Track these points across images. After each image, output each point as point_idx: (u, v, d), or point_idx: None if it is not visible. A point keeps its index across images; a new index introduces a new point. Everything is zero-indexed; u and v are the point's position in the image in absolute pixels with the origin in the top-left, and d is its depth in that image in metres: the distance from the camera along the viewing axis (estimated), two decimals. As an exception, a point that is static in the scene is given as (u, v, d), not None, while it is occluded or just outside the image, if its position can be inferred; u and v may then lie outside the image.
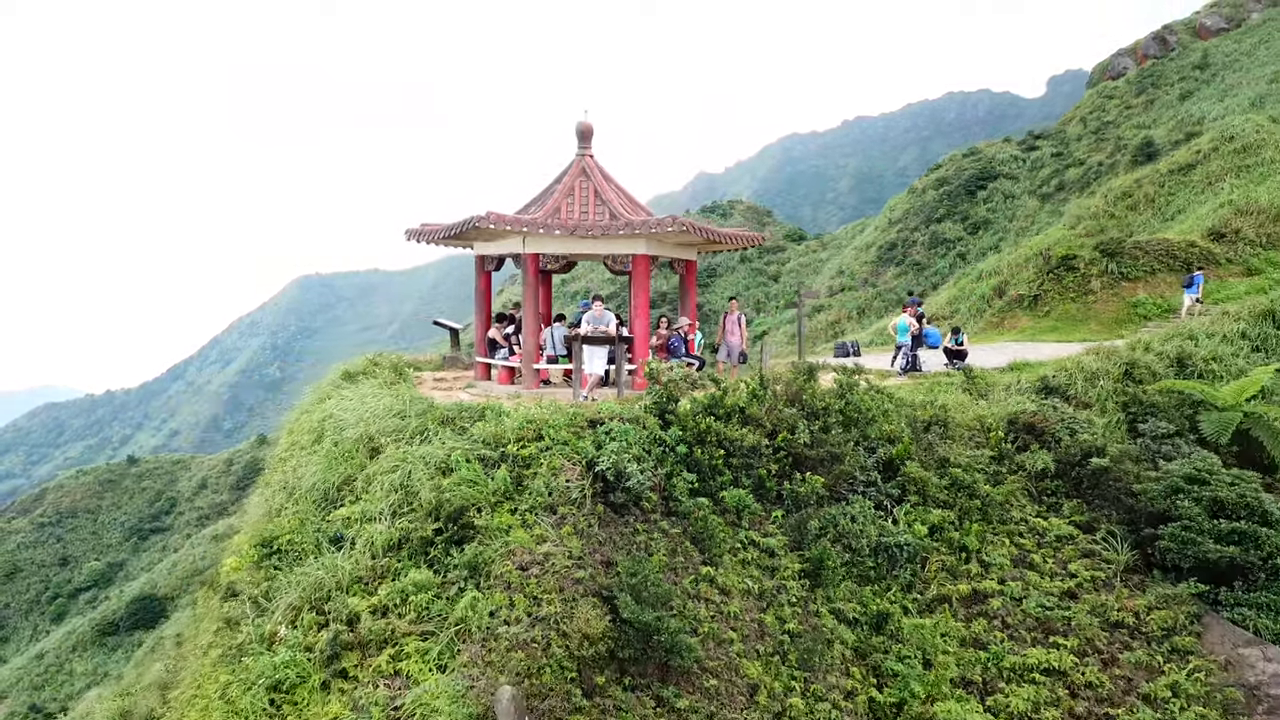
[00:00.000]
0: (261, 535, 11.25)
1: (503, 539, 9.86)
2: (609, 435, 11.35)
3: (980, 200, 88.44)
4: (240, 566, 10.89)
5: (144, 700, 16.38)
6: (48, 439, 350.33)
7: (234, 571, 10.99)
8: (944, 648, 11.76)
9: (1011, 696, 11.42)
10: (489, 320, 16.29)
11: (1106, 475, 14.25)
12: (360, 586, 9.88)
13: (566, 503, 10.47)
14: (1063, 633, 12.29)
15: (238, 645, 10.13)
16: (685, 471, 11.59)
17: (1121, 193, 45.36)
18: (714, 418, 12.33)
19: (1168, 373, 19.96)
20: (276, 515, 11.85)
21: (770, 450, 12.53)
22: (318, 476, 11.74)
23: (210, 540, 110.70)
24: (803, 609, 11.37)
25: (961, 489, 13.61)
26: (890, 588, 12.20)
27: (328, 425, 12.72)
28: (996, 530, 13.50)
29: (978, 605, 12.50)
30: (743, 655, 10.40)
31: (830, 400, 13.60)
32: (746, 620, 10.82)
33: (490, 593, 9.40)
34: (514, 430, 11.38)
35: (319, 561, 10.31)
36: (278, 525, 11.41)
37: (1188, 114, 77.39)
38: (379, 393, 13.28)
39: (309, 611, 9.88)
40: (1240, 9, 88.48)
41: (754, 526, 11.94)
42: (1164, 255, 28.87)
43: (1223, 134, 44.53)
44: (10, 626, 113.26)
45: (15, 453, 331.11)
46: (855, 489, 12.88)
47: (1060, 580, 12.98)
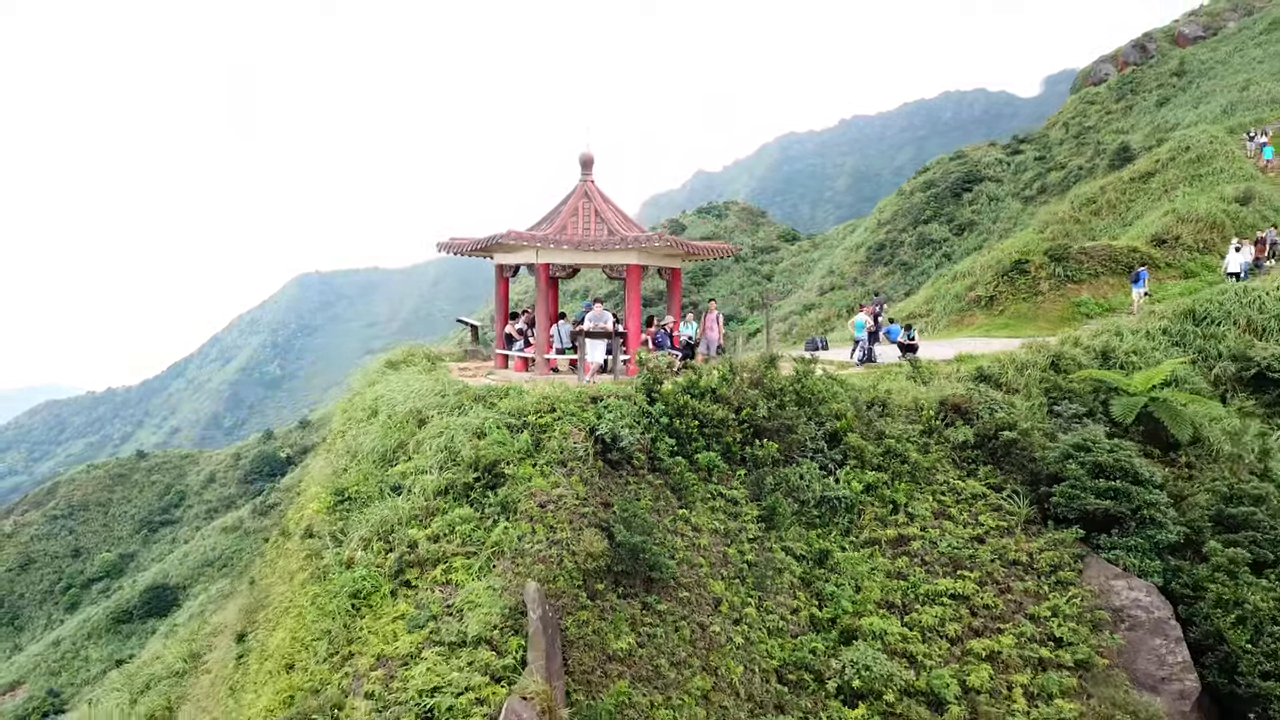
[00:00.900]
0: (334, 488, 14.36)
1: (526, 484, 12.98)
2: (607, 408, 14.47)
3: (965, 202, 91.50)
4: (320, 511, 13.99)
5: (215, 639, 19.52)
6: (49, 436, 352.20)
7: (314, 515, 14.10)
8: (872, 578, 14.89)
9: (923, 614, 14.55)
10: (506, 318, 19.42)
11: (1014, 445, 17.37)
12: (417, 521, 12.99)
13: (574, 459, 13.59)
14: (969, 568, 15.41)
15: (322, 568, 13.24)
16: (667, 437, 14.72)
17: (1087, 199, 48.49)
18: (691, 396, 15.44)
19: (1092, 364, 23.06)
20: (343, 473, 14.97)
21: (736, 422, 15.65)
22: (376, 441, 14.86)
23: (220, 532, 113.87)
24: (759, 545, 14.51)
25: (894, 456, 16.73)
26: (831, 531, 15.33)
27: (381, 403, 15.84)
28: (922, 489, 16.62)
29: (902, 547, 15.63)
30: (710, 577, 13.53)
31: (787, 383, 16.71)
32: (713, 551, 13.95)
33: (517, 523, 12.53)
34: (532, 404, 14.50)
35: (383, 504, 13.42)
36: (346, 480, 14.52)
37: (1164, 120, 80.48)
38: (420, 377, 16.40)
39: (377, 541, 12.98)
40: (1217, 18, 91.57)
41: (721, 482, 15.08)
42: (1107, 260, 32.03)
43: (1180, 144, 47.67)
44: (25, 616, 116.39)
45: (17, 450, 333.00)
46: (805, 454, 16.00)
47: (970, 528, 16.10)
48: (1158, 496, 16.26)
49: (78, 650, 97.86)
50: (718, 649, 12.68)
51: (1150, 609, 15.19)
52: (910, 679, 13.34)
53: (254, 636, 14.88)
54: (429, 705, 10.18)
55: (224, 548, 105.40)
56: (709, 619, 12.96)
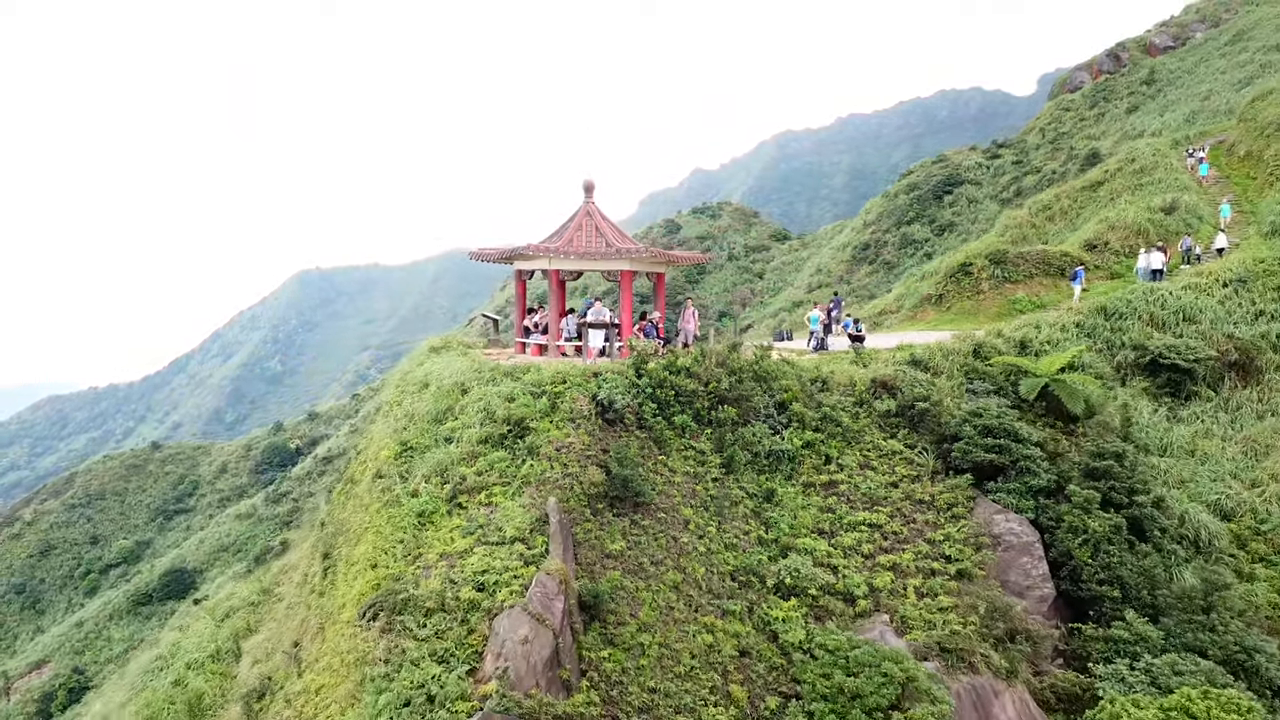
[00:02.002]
0: (399, 440, 18.99)
1: (545, 435, 17.61)
2: (605, 381, 19.10)
3: (947, 204, 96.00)
4: (389, 458, 18.61)
5: (282, 577, 24.16)
6: (51, 431, 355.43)
7: (384, 461, 18.72)
8: (806, 511, 19.52)
9: (845, 538, 19.18)
10: (525, 313, 24.03)
11: (927, 414, 22.00)
12: (464, 461, 17.59)
13: (580, 417, 18.22)
14: (883, 505, 20.05)
15: (393, 498, 17.84)
16: (650, 403, 19.34)
17: (1044, 205, 53.05)
18: (670, 373, 20.05)
19: (1011, 352, 27.71)
20: (404, 430, 19.59)
21: (704, 393, 20.27)
22: (429, 406, 19.48)
23: (234, 519, 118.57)
24: (720, 485, 19.14)
25: (830, 420, 21.36)
26: (776, 476, 19.97)
27: (430, 377, 20.47)
28: (851, 446, 21.25)
29: (831, 489, 20.26)
30: (681, 504, 18.17)
31: (746, 364, 21.34)
32: (685, 487, 18.59)
33: (539, 461, 17.15)
34: (548, 378, 19.12)
35: (438, 450, 18.04)
36: (407, 435, 19.15)
37: (1131, 127, 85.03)
38: (459, 359, 21.03)
39: (435, 477, 17.59)
40: (1186, 29, 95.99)
41: (692, 437, 19.71)
42: (1040, 263, 36.67)
43: (1127, 156, 52.27)
44: (46, 600, 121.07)
45: (19, 445, 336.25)
46: (758, 418, 20.63)
47: (887, 476, 20.73)
48: (1033, 451, 20.91)
49: (100, 631, 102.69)
50: (686, 555, 17.33)
51: (1021, 536, 19.85)
52: (831, 581, 17.96)
53: (337, 553, 19.46)
54: (480, 580, 14.79)
55: (238, 534, 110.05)
56: (680, 534, 17.60)
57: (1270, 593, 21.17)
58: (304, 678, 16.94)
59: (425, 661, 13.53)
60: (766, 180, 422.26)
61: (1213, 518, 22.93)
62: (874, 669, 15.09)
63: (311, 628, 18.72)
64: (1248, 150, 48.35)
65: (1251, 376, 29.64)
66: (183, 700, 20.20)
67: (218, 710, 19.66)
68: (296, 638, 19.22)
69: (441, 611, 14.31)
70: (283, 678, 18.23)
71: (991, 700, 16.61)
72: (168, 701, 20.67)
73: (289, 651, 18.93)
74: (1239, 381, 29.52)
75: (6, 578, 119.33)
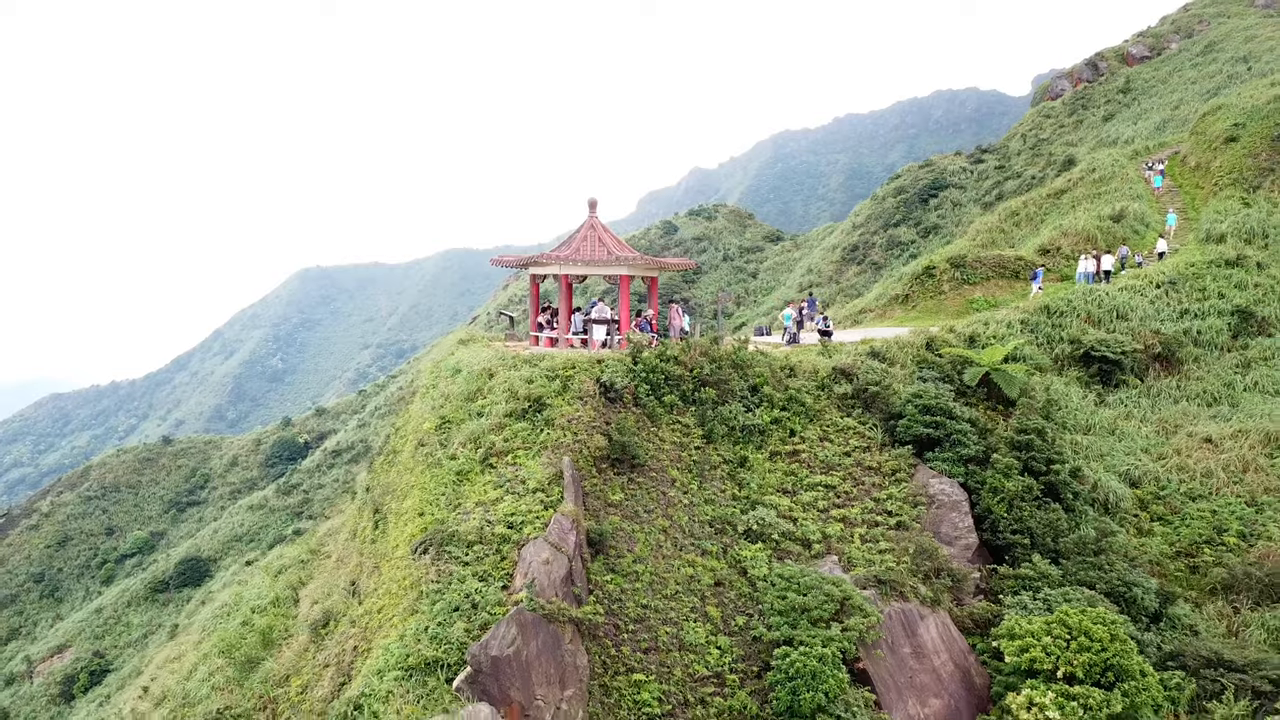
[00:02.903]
0: (438, 415, 23.10)
1: (559, 409, 21.72)
2: (607, 366, 23.20)
3: (932, 208, 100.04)
4: (431, 429, 22.71)
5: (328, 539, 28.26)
6: (54, 428, 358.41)
7: (426, 433, 22.82)
8: (772, 474, 23.63)
9: (804, 496, 23.27)
10: (538, 311, 28.15)
11: (878, 396, 26.11)
12: (494, 431, 21.69)
13: (587, 396, 22.32)
14: (837, 470, 24.15)
15: (435, 461, 21.94)
16: (645, 385, 23.45)
17: (1011, 211, 57.16)
18: (660, 360, 24.15)
19: (960, 345, 31.81)
20: (441, 407, 23.68)
21: (690, 377, 24.38)
22: (461, 388, 23.58)
23: (247, 510, 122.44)
24: (701, 452, 23.26)
25: (795, 401, 25.46)
26: (748, 446, 24.07)
27: (461, 364, 24.58)
28: (813, 422, 25.34)
29: (795, 457, 24.36)
30: (669, 467, 22.29)
31: (725, 354, 25.44)
32: (672, 453, 22.71)
33: (554, 430, 21.26)
34: (560, 364, 23.23)
35: (471, 423, 22.14)
36: (445, 411, 23.24)
37: (1107, 134, 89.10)
38: (484, 349, 25.14)
39: (470, 443, 21.68)
40: (1161, 39, 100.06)
41: (679, 413, 23.83)
42: (997, 266, 40.81)
43: (1089, 167, 56.41)
44: (65, 588, 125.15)
45: (22, 442, 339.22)
46: (734, 398, 24.74)
47: (842, 447, 24.83)
48: (964, 426, 25.02)
49: (119, 617, 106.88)
50: (672, 506, 21.45)
51: (952, 495, 23.96)
52: (791, 529, 22.06)
53: (386, 508, 23.56)
54: (509, 520, 18.89)
55: (251, 524, 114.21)
56: (668, 490, 21.73)
57: (1163, 545, 25.33)
58: (364, 605, 21.06)
59: (469, 579, 17.64)
60: (764, 180, 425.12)
61: (1121, 485, 27.08)
62: (819, 590, 19.21)
63: (367, 568, 22.81)
64: (1198, 162, 52.49)
65: (1173, 367, 33.81)
66: (254, 634, 24.23)
67: (286, 640, 23.70)
68: (353, 578, 23.31)
69: (480, 544, 18.42)
70: (343, 609, 22.34)
71: (918, 622, 20.72)
72: (240, 637, 24.70)
73: (347, 589, 23.04)
74: (1161, 371, 33.69)
75: (26, 567, 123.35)
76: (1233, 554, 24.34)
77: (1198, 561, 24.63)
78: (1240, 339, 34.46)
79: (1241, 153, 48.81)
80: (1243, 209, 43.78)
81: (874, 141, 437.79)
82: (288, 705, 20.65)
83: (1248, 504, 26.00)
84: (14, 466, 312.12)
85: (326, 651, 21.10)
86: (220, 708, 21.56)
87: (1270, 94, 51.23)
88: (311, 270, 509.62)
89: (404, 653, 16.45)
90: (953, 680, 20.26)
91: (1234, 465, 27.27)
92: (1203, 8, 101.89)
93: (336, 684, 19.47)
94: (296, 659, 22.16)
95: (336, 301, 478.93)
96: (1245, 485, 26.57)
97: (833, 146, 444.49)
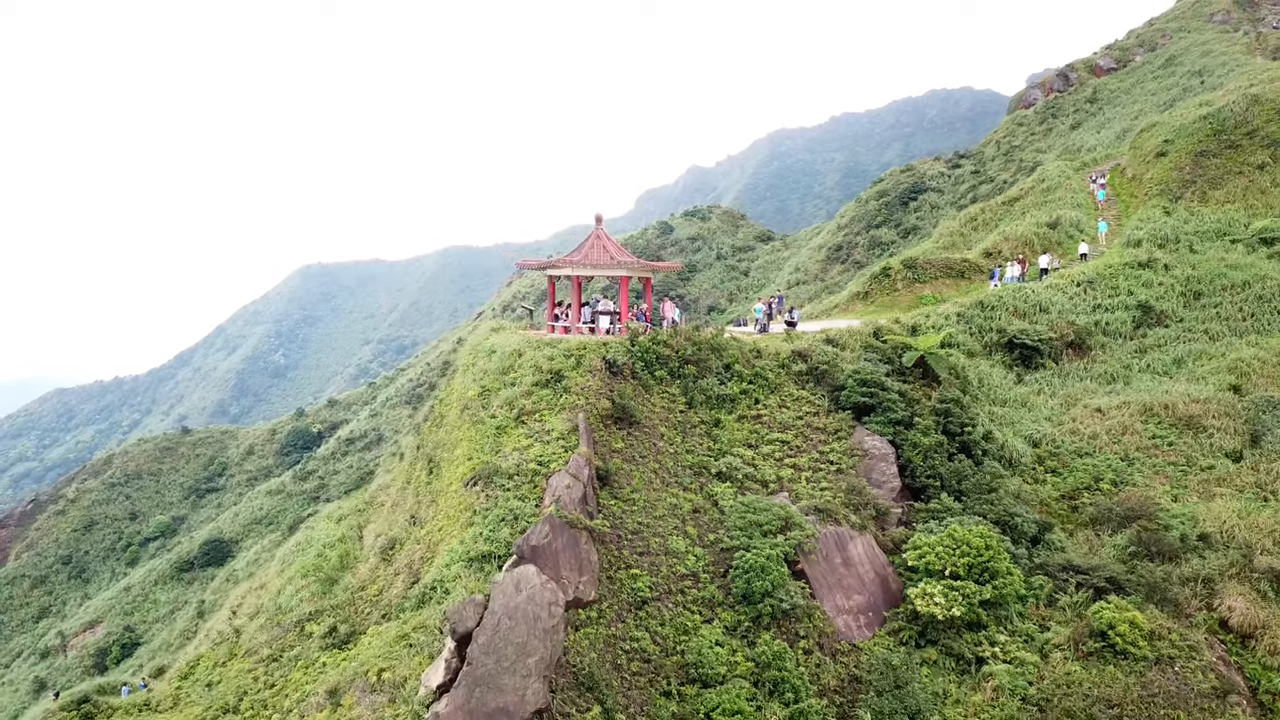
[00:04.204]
0: (479, 385, 29.63)
1: (574, 380, 28.28)
2: (610, 348, 29.75)
3: (912, 210, 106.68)
4: (474, 396, 29.22)
5: (379, 494, 34.82)
6: (59, 423, 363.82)
7: (470, 399, 29.34)
8: (740, 431, 30.15)
9: (764, 448, 29.79)
10: (554, 304, 34.67)
11: (827, 373, 32.64)
12: (525, 396, 28.23)
13: (596, 370, 28.85)
14: (791, 429, 30.68)
15: (479, 420, 28.47)
16: (640, 362, 29.99)
17: (970, 217, 63.72)
18: (653, 344, 30.67)
19: (904, 333, 38.31)
20: (480, 380, 30.20)
21: (675, 356, 30.91)
22: (496, 364, 30.11)
23: (266, 494, 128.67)
24: (684, 414, 29.82)
25: (760, 376, 31.98)
26: (721, 410, 30.62)
27: (495, 346, 31.11)
28: (774, 393, 31.86)
29: (759, 419, 30.88)
30: (659, 424, 28.84)
31: (705, 339, 31.96)
32: (661, 414, 29.26)
33: (571, 395, 27.83)
34: (574, 346, 29.77)
35: (506, 390, 28.68)
36: (484, 382, 29.77)
37: (1073, 142, 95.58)
38: (513, 335, 31.67)
39: (506, 406, 28.22)
40: (1127, 52, 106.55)
41: (666, 385, 30.39)
42: (944, 267, 47.36)
43: (1039, 178, 62.95)
44: (91, 570, 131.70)
45: (27, 437, 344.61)
46: (711, 373, 31.28)
47: (795, 412, 31.35)
48: (894, 396, 31.53)
49: (147, 594, 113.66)
50: (661, 454, 27.99)
51: (882, 449, 30.47)
52: (753, 472, 28.57)
53: (439, 457, 30.05)
54: (539, 459, 25.40)
55: (270, 507, 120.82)
56: (658, 441, 28.27)
57: (1053, 491, 31.86)
58: (425, 529, 27.59)
59: (511, 500, 24.16)
60: (761, 178, 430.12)
61: (1025, 445, 33.62)
62: (769, 512, 25.76)
63: (424, 503, 29.32)
64: (1134, 174, 59.06)
65: (1083, 352, 40.39)
66: (331, 559, 30.65)
67: (358, 563, 30.16)
68: (412, 512, 29.83)
69: (518, 476, 24.94)
70: (405, 535, 28.86)
71: (848, 541, 27.23)
72: (318, 563, 31.11)
73: (407, 521, 29.55)
74: (1073, 356, 40.26)
75: (54, 550, 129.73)
76: (1105, 497, 30.89)
77: (1078, 503, 31.17)
78: (1141, 329, 41.02)
79: (1169, 166, 55.38)
80: (1163, 217, 50.33)
81: (870, 140, 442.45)
82: (366, 603, 27.16)
83: (1122, 459, 32.57)
84: (19, 461, 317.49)
85: (396, 564, 27.63)
86: (311, 611, 28.00)
87: (1197, 114, 57.77)
88: (313, 267, 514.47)
89: (465, 550, 22.98)
90: (873, 584, 26.80)
91: (1115, 429, 33.82)
92: (1165, 22, 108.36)
93: (407, 584, 25.99)
94: (370, 574, 28.68)
95: (338, 298, 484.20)
96: (1122, 445, 33.13)
97: (829, 145, 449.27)
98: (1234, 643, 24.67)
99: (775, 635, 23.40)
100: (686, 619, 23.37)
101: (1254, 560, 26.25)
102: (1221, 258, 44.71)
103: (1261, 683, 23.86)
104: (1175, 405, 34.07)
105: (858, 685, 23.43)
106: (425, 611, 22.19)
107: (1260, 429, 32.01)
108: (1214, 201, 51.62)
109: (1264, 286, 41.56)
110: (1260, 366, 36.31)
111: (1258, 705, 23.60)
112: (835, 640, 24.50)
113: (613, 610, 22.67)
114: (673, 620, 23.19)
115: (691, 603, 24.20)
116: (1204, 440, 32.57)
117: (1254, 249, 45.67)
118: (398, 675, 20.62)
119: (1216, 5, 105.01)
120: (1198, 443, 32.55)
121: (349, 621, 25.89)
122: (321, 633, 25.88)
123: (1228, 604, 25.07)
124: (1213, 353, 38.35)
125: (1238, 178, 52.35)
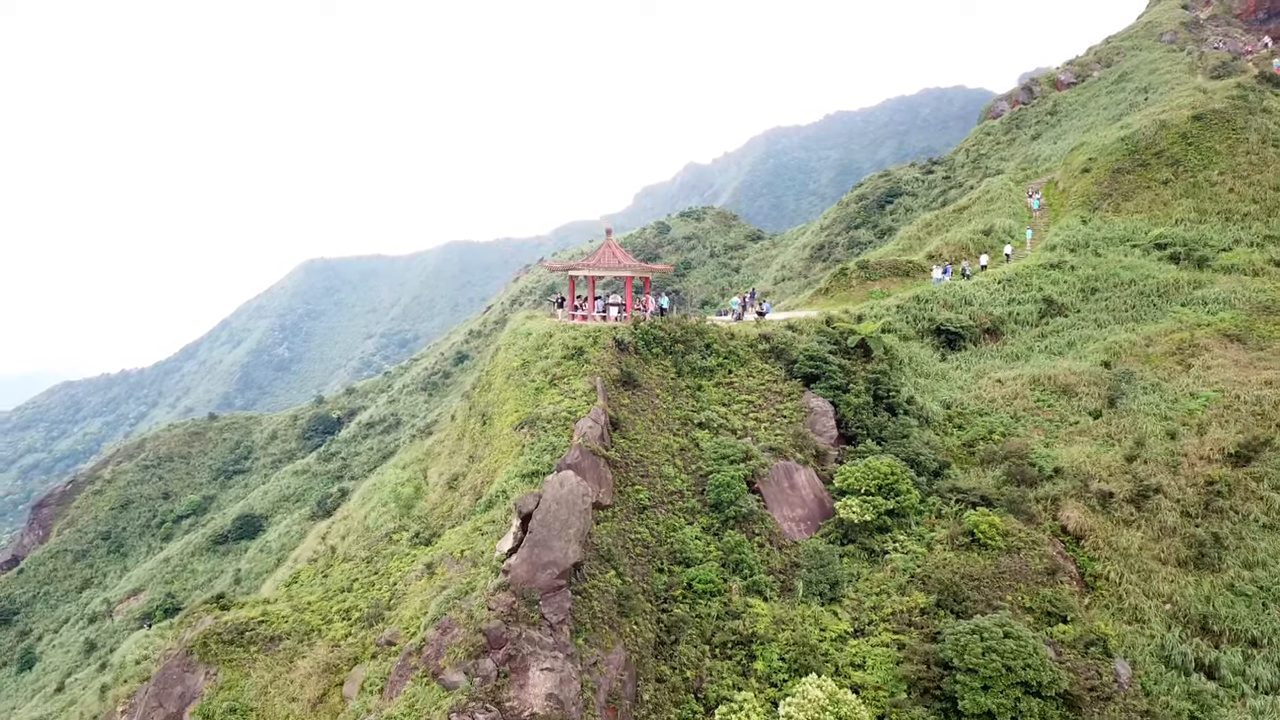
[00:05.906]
0: (521, 359, 39.44)
1: (592, 354, 38.13)
2: (619, 331, 39.58)
3: (888, 213, 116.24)
4: (517, 367, 39.01)
5: (428, 458, 44.76)
6: (66, 415, 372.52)
7: (513, 368, 39.15)
8: (716, 394, 39.97)
9: (735, 406, 39.61)
10: (574, 298, 44.45)
11: (784, 351, 42.44)
12: (556, 366, 38.03)
13: (608, 348, 38.67)
14: (755, 392, 40.50)
15: (521, 383, 38.28)
16: (641, 341, 39.83)
17: (925, 223, 73.39)
18: (651, 328, 40.45)
19: (851, 321, 48.07)
20: (521, 355, 40.00)
21: (668, 337, 40.72)
22: (533, 343, 39.90)
23: (292, 474, 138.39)
24: (674, 380, 39.67)
25: (733, 353, 41.79)
26: (702, 378, 40.45)
27: (530, 330, 40.91)
28: (743, 366, 41.65)
29: (731, 385, 40.69)
30: (655, 387, 38.70)
31: (692, 325, 41.76)
32: (658, 380, 39.11)
33: (590, 365, 37.67)
34: (591, 330, 39.59)
35: (541, 361, 38.49)
36: (525, 356, 39.58)
37: (1033, 152, 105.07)
38: (545, 322, 41.49)
39: (542, 373, 38.05)
40: (1086, 68, 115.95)
41: (661, 359, 40.20)
42: (893, 267, 57.10)
43: (985, 189, 72.62)
44: (128, 545, 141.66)
45: (35, 429, 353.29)
46: (695, 350, 41.10)
47: (760, 380, 41.15)
48: (835, 369, 41.30)
49: (185, 565, 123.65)
50: (657, 409, 37.79)
51: (824, 408, 40.25)
52: (725, 423, 38.34)
53: (490, 412, 39.79)
54: (569, 410, 35.20)
55: (297, 486, 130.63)
56: (655, 400, 38.09)
57: (957, 441, 41.65)
58: (483, 463, 37.36)
59: (549, 437, 33.94)
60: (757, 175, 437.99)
61: (939, 407, 43.40)
62: (735, 448, 35.57)
63: (481, 445, 39.07)
64: (1064, 188, 68.82)
65: (998, 337, 50.19)
66: (407, 489, 40.37)
67: (427, 494, 39.89)
68: (470, 454, 39.57)
69: (554, 421, 34.72)
70: (466, 470, 38.62)
71: (795, 471, 37.02)
72: (396, 493, 40.81)
73: (466, 461, 39.28)
74: (989, 340, 50.07)
75: (94, 527, 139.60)
76: (994, 445, 40.68)
77: (975, 449, 40.98)
78: (1045, 318, 50.84)
79: (1090, 181, 65.15)
80: (1079, 225, 60.11)
81: (864, 138, 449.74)
82: (440, 518, 36.95)
83: (1011, 417, 42.38)
84: (28, 452, 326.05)
85: (460, 489, 37.43)
86: (395, 527, 37.73)
87: (1117, 135, 67.52)
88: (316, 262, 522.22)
89: (519, 470, 32.75)
90: (812, 502, 36.63)
91: (1009, 395, 43.64)
92: (1121, 40, 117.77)
93: (473, 501, 35.77)
94: (440, 498, 38.48)
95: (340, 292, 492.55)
96: (1013, 407, 42.95)
97: (824, 143, 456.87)
98: (1070, 541, 34.49)
99: (737, 532, 33.23)
100: (674, 520, 33.17)
101: (1090, 485, 36.12)
102: (1120, 260, 54.50)
103: (1087, 569, 33.72)
104: (1057, 376, 43.91)
105: (795, 567, 33.25)
106: (492, 511, 31.98)
107: (1116, 394, 41.85)
108: (1125, 212, 61.41)
109: (1147, 284, 51.37)
110: (1130, 347, 46.13)
111: (1084, 584, 33.46)
112: (782, 538, 34.35)
113: (623, 512, 32.46)
114: (664, 521, 32.99)
115: (678, 510, 34.00)
116: (1074, 403, 42.42)
117: (1148, 253, 55.50)
118: (475, 550, 30.39)
119: (1166, 26, 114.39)
120: (1070, 405, 42.40)
121: (429, 528, 35.68)
122: (408, 538, 35.66)
123: (1066, 514, 34.95)
124: (1097, 337, 48.17)
125: (1146, 191, 62.12)
